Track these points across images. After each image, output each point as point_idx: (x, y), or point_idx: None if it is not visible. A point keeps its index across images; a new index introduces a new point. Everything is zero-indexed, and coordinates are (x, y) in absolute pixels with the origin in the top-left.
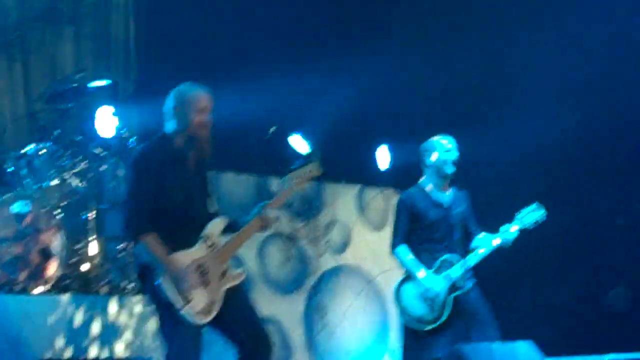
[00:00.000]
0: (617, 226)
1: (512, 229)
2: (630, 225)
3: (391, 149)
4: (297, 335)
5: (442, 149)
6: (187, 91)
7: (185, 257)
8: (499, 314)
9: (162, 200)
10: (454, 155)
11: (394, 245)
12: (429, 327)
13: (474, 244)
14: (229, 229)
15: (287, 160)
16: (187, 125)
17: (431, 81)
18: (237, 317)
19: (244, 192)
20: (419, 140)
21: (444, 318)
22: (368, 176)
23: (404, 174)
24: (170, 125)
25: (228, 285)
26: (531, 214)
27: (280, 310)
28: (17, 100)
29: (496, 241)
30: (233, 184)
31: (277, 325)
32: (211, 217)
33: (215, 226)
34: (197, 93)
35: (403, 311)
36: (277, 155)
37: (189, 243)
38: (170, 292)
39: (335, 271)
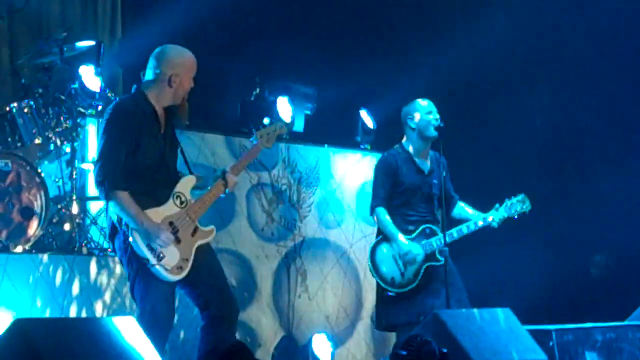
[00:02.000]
0: (599, 193)
1: (499, 214)
2: (612, 192)
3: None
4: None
5: (424, 110)
6: (181, 55)
7: (157, 214)
8: (475, 282)
9: (137, 158)
10: (436, 116)
11: (373, 206)
12: (399, 291)
13: (455, 212)
14: (197, 187)
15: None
16: (179, 88)
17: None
18: (206, 277)
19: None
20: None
21: (413, 285)
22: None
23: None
24: (150, 82)
25: (199, 243)
26: (518, 204)
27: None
28: (1, 58)
29: (481, 222)
30: (215, 144)
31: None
32: (179, 176)
33: (186, 184)
34: (192, 58)
35: (376, 271)
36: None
37: (160, 200)
38: (143, 248)
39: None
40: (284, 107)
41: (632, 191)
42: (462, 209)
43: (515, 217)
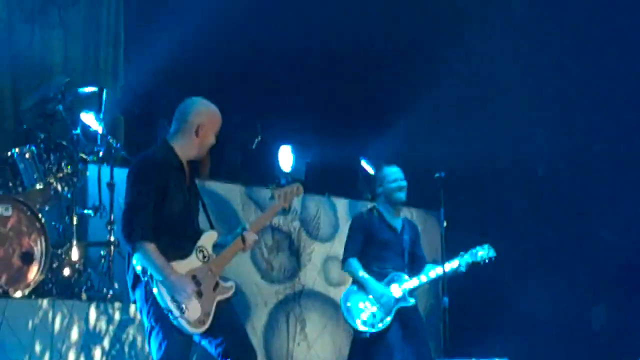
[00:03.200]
0: (600, 243)
1: (466, 260)
2: (614, 242)
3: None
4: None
5: (390, 177)
6: (209, 107)
7: (182, 267)
8: (477, 331)
9: (164, 209)
10: (402, 183)
11: (345, 258)
12: (373, 331)
13: (426, 270)
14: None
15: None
16: (203, 142)
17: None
18: (226, 327)
19: (232, 200)
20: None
21: (384, 325)
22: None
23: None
24: (176, 133)
25: (220, 298)
26: (483, 253)
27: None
28: (4, 103)
29: (449, 267)
30: (220, 192)
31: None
32: (200, 230)
33: (208, 238)
34: (217, 113)
35: (349, 315)
36: (262, 166)
37: (184, 253)
38: (167, 300)
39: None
40: (286, 156)
41: (633, 240)
42: (432, 265)
43: (482, 263)
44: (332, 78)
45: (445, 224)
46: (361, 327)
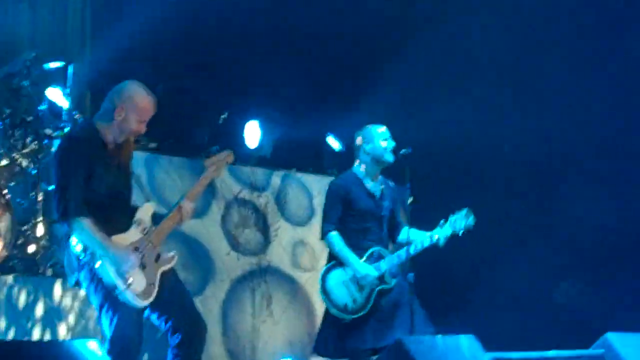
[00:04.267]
0: (568, 221)
1: (442, 233)
2: (581, 219)
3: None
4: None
5: (380, 137)
6: (135, 92)
7: (122, 241)
8: (443, 307)
9: (92, 186)
10: (392, 143)
11: (325, 231)
12: (353, 317)
13: (402, 237)
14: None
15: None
16: (123, 126)
17: None
18: (172, 299)
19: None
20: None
21: (365, 310)
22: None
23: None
24: (103, 116)
25: (163, 268)
26: (461, 220)
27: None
28: None
29: (427, 240)
30: (183, 168)
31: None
32: (134, 210)
33: (145, 210)
34: (145, 99)
35: (327, 298)
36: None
37: (121, 228)
38: (112, 274)
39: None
40: (253, 131)
41: (602, 218)
42: (411, 231)
43: (460, 233)
44: (300, 54)
45: (410, 199)
46: (341, 313)
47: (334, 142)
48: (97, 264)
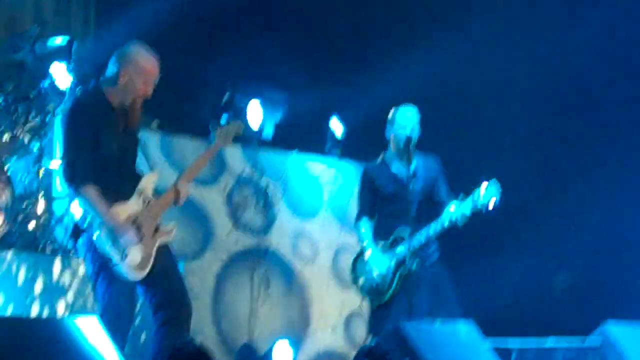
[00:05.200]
0: (568, 209)
1: (464, 210)
2: (583, 209)
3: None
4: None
5: (402, 120)
6: (138, 54)
7: (122, 211)
8: None
9: (99, 151)
10: (414, 127)
11: (356, 218)
12: (376, 302)
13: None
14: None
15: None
16: (127, 88)
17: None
18: (162, 278)
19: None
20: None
21: (388, 295)
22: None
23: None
24: (108, 79)
25: (161, 241)
26: (486, 195)
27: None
28: None
29: (446, 221)
30: (186, 148)
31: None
32: (141, 173)
33: (148, 180)
34: (149, 61)
35: (356, 282)
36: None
37: (123, 196)
38: (108, 246)
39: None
40: (255, 111)
41: (603, 209)
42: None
43: (484, 210)
44: (305, 31)
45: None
46: (371, 297)
47: (337, 125)
48: (95, 235)
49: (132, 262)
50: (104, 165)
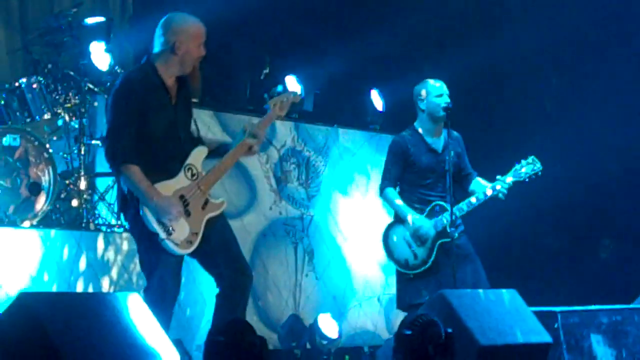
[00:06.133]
0: (609, 178)
1: (507, 180)
2: (623, 176)
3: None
4: (285, 276)
5: (434, 92)
6: (185, 21)
7: (168, 187)
8: (481, 261)
9: (146, 130)
10: (446, 99)
11: (382, 188)
12: (415, 272)
13: (472, 187)
14: (216, 153)
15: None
16: (185, 57)
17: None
18: (218, 247)
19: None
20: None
21: (429, 264)
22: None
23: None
24: (157, 52)
25: (209, 216)
26: (527, 167)
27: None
28: (13, 33)
29: (489, 191)
30: (226, 122)
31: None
32: (191, 148)
33: (197, 155)
34: (197, 25)
35: (390, 254)
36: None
37: (171, 173)
38: (153, 222)
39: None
40: (293, 86)
41: None
42: (478, 183)
43: (527, 179)
44: (344, 5)
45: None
46: (403, 269)
47: (377, 98)
48: (140, 211)
49: (179, 237)
50: (151, 144)
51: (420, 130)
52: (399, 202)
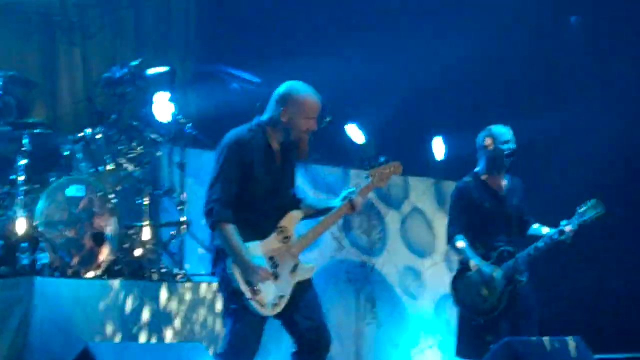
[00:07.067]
0: None
1: (573, 224)
2: None
3: (445, 140)
4: (346, 324)
5: (500, 139)
6: (299, 93)
7: (259, 249)
8: (546, 307)
9: (248, 188)
10: (511, 145)
11: (451, 235)
12: (484, 318)
13: (531, 231)
14: (315, 215)
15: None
16: (290, 127)
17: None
18: (302, 310)
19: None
20: (473, 131)
21: (498, 311)
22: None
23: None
24: (269, 120)
25: (297, 280)
26: (590, 210)
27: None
28: (76, 84)
29: (555, 235)
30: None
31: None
32: (289, 210)
33: (291, 218)
34: (310, 99)
35: (458, 301)
36: (331, 145)
37: (264, 233)
38: (240, 281)
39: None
40: (354, 133)
41: None
42: (538, 228)
43: (589, 222)
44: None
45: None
46: (473, 315)
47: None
48: (228, 270)
49: (264, 299)
50: (249, 202)
51: (483, 176)
52: (468, 249)
